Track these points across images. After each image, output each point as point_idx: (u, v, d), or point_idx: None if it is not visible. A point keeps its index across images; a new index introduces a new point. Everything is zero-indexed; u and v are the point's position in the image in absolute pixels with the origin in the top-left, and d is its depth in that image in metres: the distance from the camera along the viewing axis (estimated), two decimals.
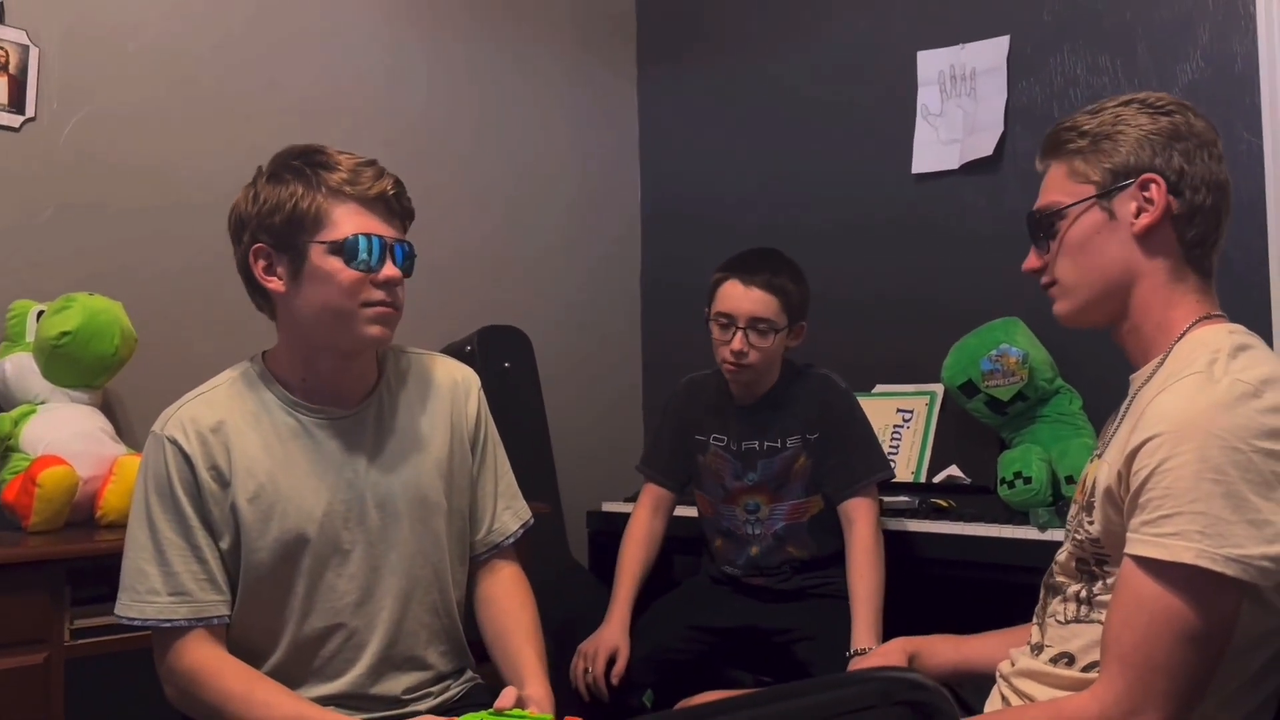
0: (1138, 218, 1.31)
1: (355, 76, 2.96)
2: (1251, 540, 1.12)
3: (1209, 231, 1.31)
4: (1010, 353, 2.49)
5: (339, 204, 1.49)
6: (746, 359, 2.15)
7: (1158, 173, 1.30)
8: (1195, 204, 1.30)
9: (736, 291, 2.16)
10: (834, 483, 2.22)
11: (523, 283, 3.31)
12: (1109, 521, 1.25)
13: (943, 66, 2.95)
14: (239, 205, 1.53)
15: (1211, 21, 2.50)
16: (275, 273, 1.51)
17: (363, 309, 1.50)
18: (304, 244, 1.49)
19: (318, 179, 1.49)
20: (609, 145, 3.63)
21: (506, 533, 1.75)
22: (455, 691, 1.67)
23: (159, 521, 1.49)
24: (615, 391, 3.59)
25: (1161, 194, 1.29)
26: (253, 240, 1.51)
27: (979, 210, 2.88)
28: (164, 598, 1.48)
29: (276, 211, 1.48)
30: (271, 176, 1.51)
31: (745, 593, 2.30)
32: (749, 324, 2.15)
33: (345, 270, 1.48)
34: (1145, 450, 1.18)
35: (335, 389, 1.58)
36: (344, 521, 1.56)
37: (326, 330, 1.52)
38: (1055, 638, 1.34)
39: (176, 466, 1.49)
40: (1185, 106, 1.34)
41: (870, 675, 0.72)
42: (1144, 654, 1.15)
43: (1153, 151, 1.30)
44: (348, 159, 1.52)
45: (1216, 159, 1.32)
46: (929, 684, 0.76)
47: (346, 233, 1.48)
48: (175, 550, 1.48)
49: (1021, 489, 2.33)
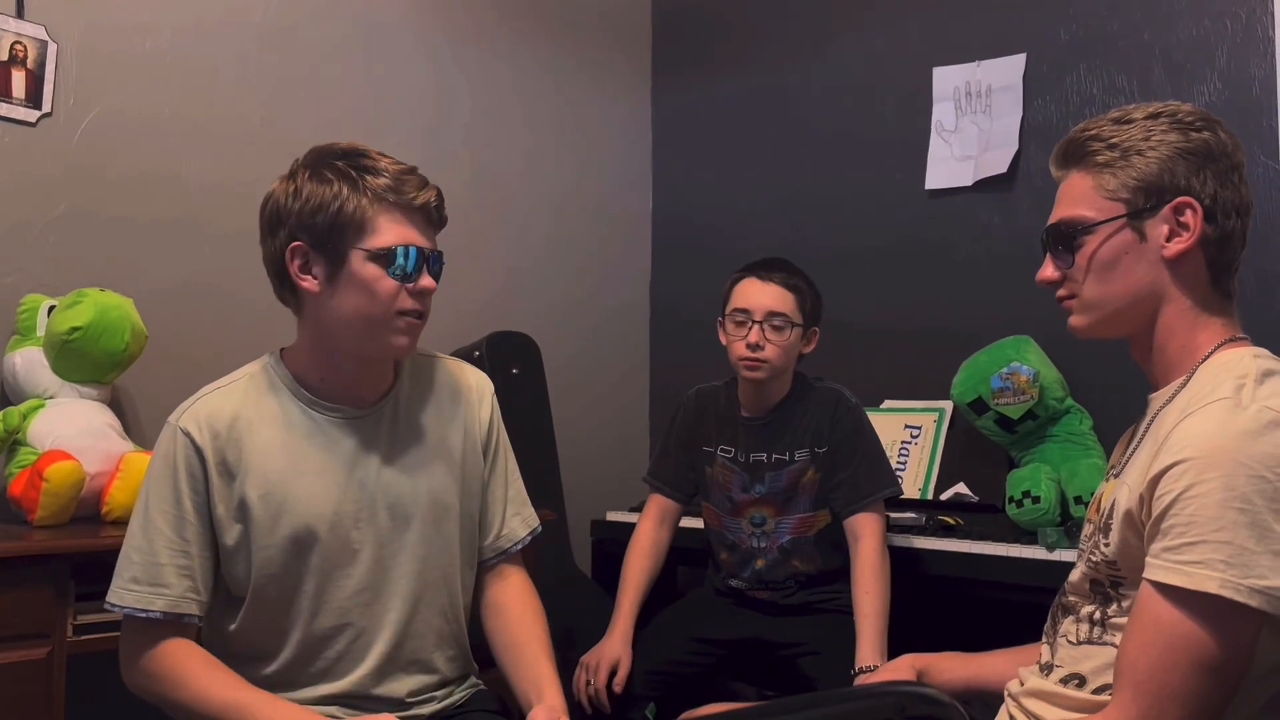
0: (1169, 241, 1.28)
1: (370, 84, 2.97)
2: (1275, 571, 1.10)
3: (1236, 256, 1.30)
4: (1021, 371, 2.48)
5: (383, 211, 1.49)
6: (763, 353, 2.17)
7: (1193, 196, 1.27)
8: (1227, 230, 1.28)
9: (754, 288, 2.20)
10: (841, 498, 2.21)
11: (533, 290, 3.31)
12: (1127, 544, 1.24)
13: (958, 83, 2.95)
14: (277, 198, 1.52)
15: (1230, 44, 2.50)
16: (311, 272, 1.50)
17: (396, 318, 1.51)
18: (345, 248, 1.48)
19: (362, 183, 1.49)
20: (622, 156, 3.63)
21: (515, 539, 1.74)
22: (459, 697, 1.67)
23: (153, 511, 1.50)
24: (622, 401, 3.58)
25: (1198, 220, 1.26)
26: (291, 237, 1.50)
27: (992, 228, 2.87)
28: (142, 587, 1.48)
29: (319, 211, 1.48)
30: (314, 174, 1.50)
31: (750, 606, 2.29)
32: (765, 318, 2.17)
33: (385, 279, 1.49)
34: (1170, 475, 1.16)
35: (353, 389, 1.58)
36: (355, 521, 1.55)
37: (354, 335, 1.52)
38: (1066, 658, 1.32)
39: (185, 458, 1.50)
40: (1214, 122, 1.31)
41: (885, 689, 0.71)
42: (1159, 681, 1.13)
43: (1187, 171, 1.27)
44: (390, 164, 1.52)
45: (1244, 181, 1.30)
46: (944, 699, 0.75)
47: (389, 242, 1.49)
48: (163, 541, 1.49)
49: (1030, 508, 2.32)
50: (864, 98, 3.16)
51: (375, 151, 1.54)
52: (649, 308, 3.69)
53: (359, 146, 1.54)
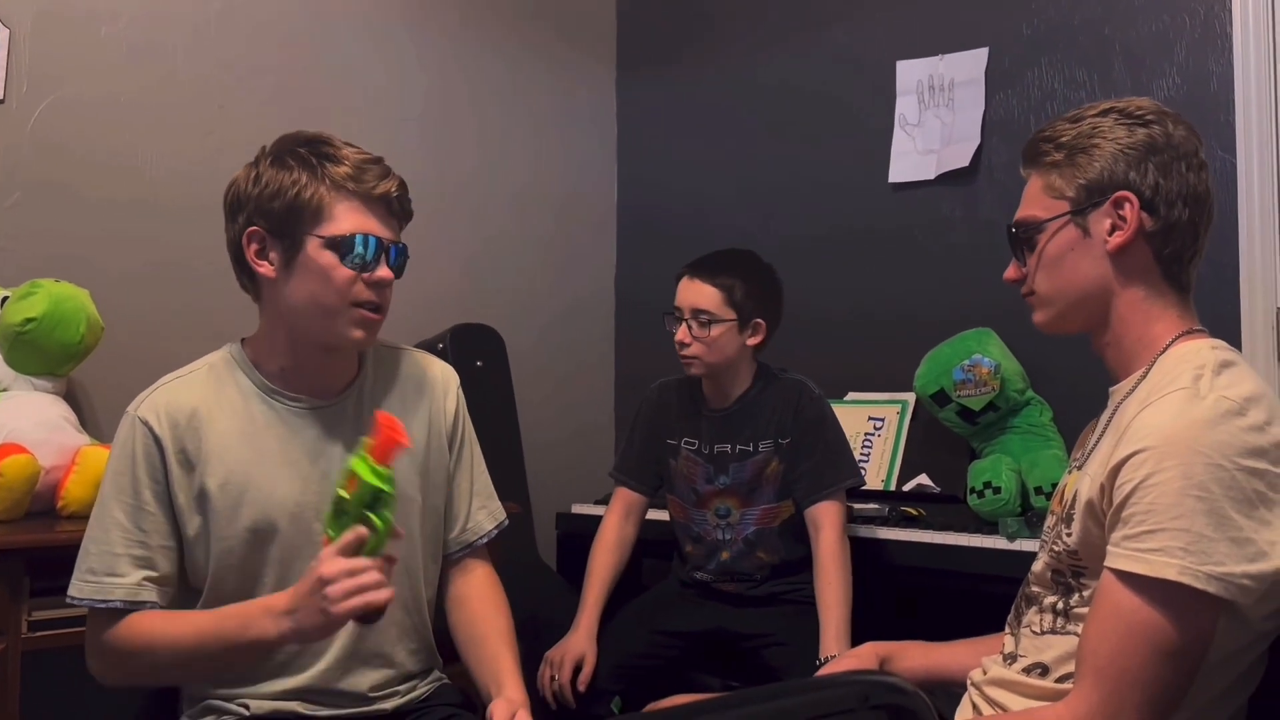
0: (1111, 235, 1.31)
1: (335, 71, 2.94)
2: (1233, 558, 1.12)
3: (1186, 246, 1.31)
4: (983, 363, 2.50)
5: (341, 199, 1.49)
6: (689, 349, 2.21)
7: (1132, 190, 1.29)
8: (1171, 220, 1.30)
9: (684, 286, 2.25)
10: (803, 488, 2.22)
11: (498, 282, 3.30)
12: (1089, 534, 1.25)
13: (921, 77, 2.97)
14: (239, 183, 1.52)
15: (1189, 39, 2.53)
16: (267, 257, 1.50)
17: (351, 308, 1.50)
18: (301, 234, 1.48)
19: (322, 170, 1.48)
20: (587, 147, 3.62)
21: (481, 532, 1.74)
22: (422, 691, 1.66)
23: (111, 502, 1.48)
24: (587, 393, 3.57)
25: (1134, 213, 1.29)
26: (249, 222, 1.49)
27: (954, 221, 2.89)
28: (101, 578, 1.46)
29: (277, 197, 1.48)
30: (275, 160, 1.50)
31: (715, 598, 2.30)
32: (692, 315, 2.21)
33: (339, 267, 1.48)
34: (1130, 465, 1.18)
35: (315, 379, 1.58)
36: (316, 513, 1.53)
37: (310, 323, 1.52)
38: (1029, 648, 1.34)
39: (144, 449, 1.48)
40: (1165, 114, 1.33)
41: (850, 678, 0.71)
42: (1120, 667, 1.15)
43: (1127, 166, 1.30)
44: (353, 153, 1.52)
45: (1196, 169, 1.31)
46: (909, 688, 0.75)
47: (346, 230, 1.48)
48: (120, 532, 1.47)
49: (991, 499, 2.34)
50: (828, 91, 3.16)
51: (340, 140, 1.54)
52: (614, 299, 3.69)
53: (324, 135, 1.54)
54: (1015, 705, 1.31)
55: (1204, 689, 1.20)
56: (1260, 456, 1.15)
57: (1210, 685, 1.21)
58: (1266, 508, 1.14)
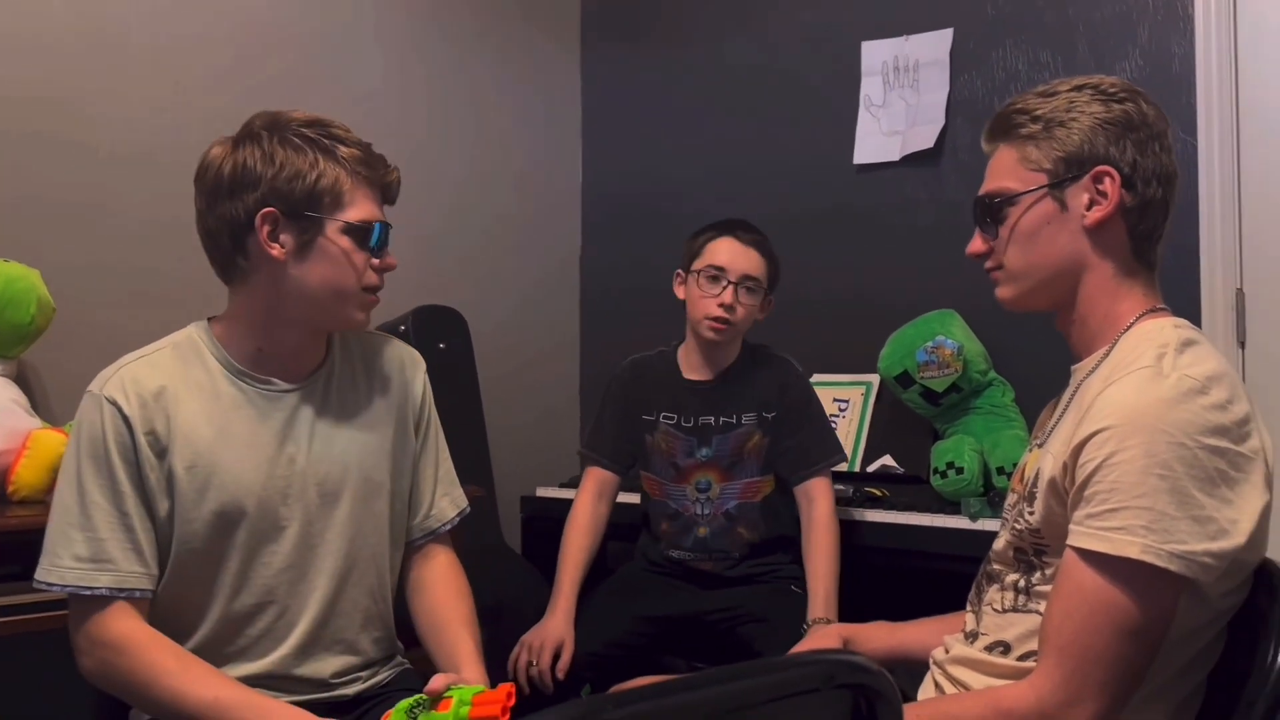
0: (1089, 210, 1.30)
1: (291, 54, 2.88)
2: (1195, 536, 1.13)
3: (1158, 224, 1.32)
4: (946, 344, 2.51)
5: (359, 185, 1.51)
6: (734, 314, 2.17)
7: (1112, 165, 1.28)
8: (1147, 198, 1.30)
9: (734, 248, 2.20)
10: (793, 463, 2.23)
11: (460, 263, 3.26)
12: (1051, 512, 1.25)
13: (886, 57, 2.96)
14: (247, 161, 1.47)
15: (1151, 21, 2.54)
16: (278, 239, 1.48)
17: (361, 292, 1.53)
18: (321, 220, 1.48)
19: (337, 155, 1.49)
20: (551, 127, 3.59)
21: (444, 519, 1.72)
22: (384, 676, 1.64)
23: (89, 485, 1.43)
24: (552, 375, 3.56)
25: (1115, 188, 1.28)
26: (263, 203, 1.46)
27: (919, 202, 2.90)
28: (85, 564, 1.42)
29: (297, 179, 1.46)
30: (283, 140, 1.47)
31: (689, 578, 2.29)
32: (740, 280, 2.18)
33: (357, 252, 1.51)
34: (1093, 443, 1.18)
35: (287, 362, 1.55)
36: (283, 497, 1.52)
37: (316, 306, 1.51)
38: (991, 626, 1.34)
39: (114, 429, 1.44)
40: (1137, 93, 1.33)
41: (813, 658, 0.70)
42: (1083, 645, 1.15)
43: (1107, 141, 1.29)
44: (354, 137, 1.54)
45: (1167, 150, 1.31)
46: (873, 667, 0.75)
47: (364, 216, 1.51)
48: (102, 515, 1.43)
49: (954, 479, 2.36)
50: (793, 71, 3.15)
51: (340, 123, 1.54)
52: (579, 280, 3.67)
53: (320, 116, 1.53)
54: (977, 683, 1.31)
55: (1164, 666, 1.21)
56: (1222, 435, 1.15)
57: (1170, 662, 1.21)
58: (1228, 486, 1.15)
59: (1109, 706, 1.15)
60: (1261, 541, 1.20)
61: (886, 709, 0.74)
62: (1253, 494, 1.16)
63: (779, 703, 0.71)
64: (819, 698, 0.73)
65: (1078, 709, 1.15)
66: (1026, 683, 1.20)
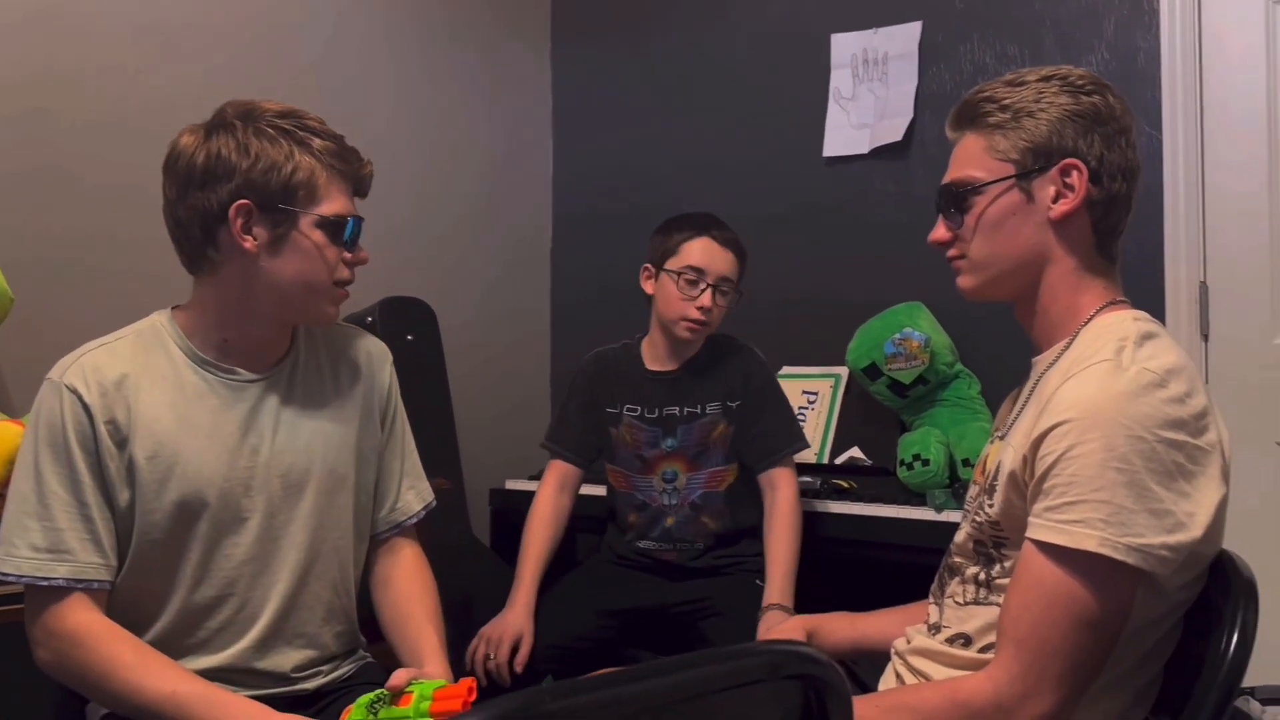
0: (1055, 203, 1.30)
1: (257, 38, 2.84)
2: (1152, 530, 1.13)
3: (1121, 219, 1.32)
4: (913, 336, 2.52)
5: (335, 179, 1.50)
6: (712, 316, 2.18)
7: (1079, 158, 1.28)
8: (1112, 192, 1.30)
9: (711, 249, 2.20)
10: (756, 452, 2.24)
11: (428, 254, 3.24)
12: (1010, 505, 1.26)
13: (856, 50, 2.96)
14: (220, 151, 1.45)
15: (1117, 15, 2.56)
16: (252, 232, 1.46)
17: (333, 287, 1.53)
18: (296, 213, 1.47)
19: (312, 148, 1.48)
20: (521, 118, 3.57)
21: (409, 512, 1.71)
22: (345, 670, 1.63)
23: (47, 474, 1.42)
24: (522, 367, 3.54)
25: (1082, 181, 1.28)
26: (237, 194, 1.45)
27: (887, 195, 2.90)
28: (42, 554, 1.40)
29: (272, 171, 1.45)
30: (257, 131, 1.46)
31: (654, 571, 2.29)
32: (718, 282, 2.18)
33: (330, 246, 1.50)
34: (1052, 436, 1.18)
35: (253, 353, 1.54)
36: (245, 488, 1.51)
37: (287, 300, 1.50)
38: (952, 618, 1.35)
39: (74, 418, 1.42)
40: (1105, 86, 1.33)
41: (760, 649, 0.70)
42: (1041, 637, 1.16)
43: (1075, 134, 1.29)
44: (328, 130, 1.53)
45: (1132, 145, 1.32)
46: (820, 658, 0.74)
47: (339, 210, 1.50)
48: (60, 505, 1.41)
49: (920, 471, 2.37)
50: (763, 63, 3.15)
51: (313, 115, 1.53)
52: (549, 273, 3.65)
53: (294, 108, 1.52)
54: (938, 675, 1.32)
55: (1123, 657, 1.22)
56: (1180, 428, 1.16)
57: (1129, 653, 1.22)
58: (1186, 479, 1.15)
59: (1066, 698, 1.16)
60: (1218, 534, 1.21)
61: (835, 700, 0.74)
62: (1210, 487, 1.17)
63: (726, 694, 0.71)
64: (767, 689, 0.73)
65: (1034, 701, 1.15)
66: (984, 674, 1.20)
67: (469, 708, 1.29)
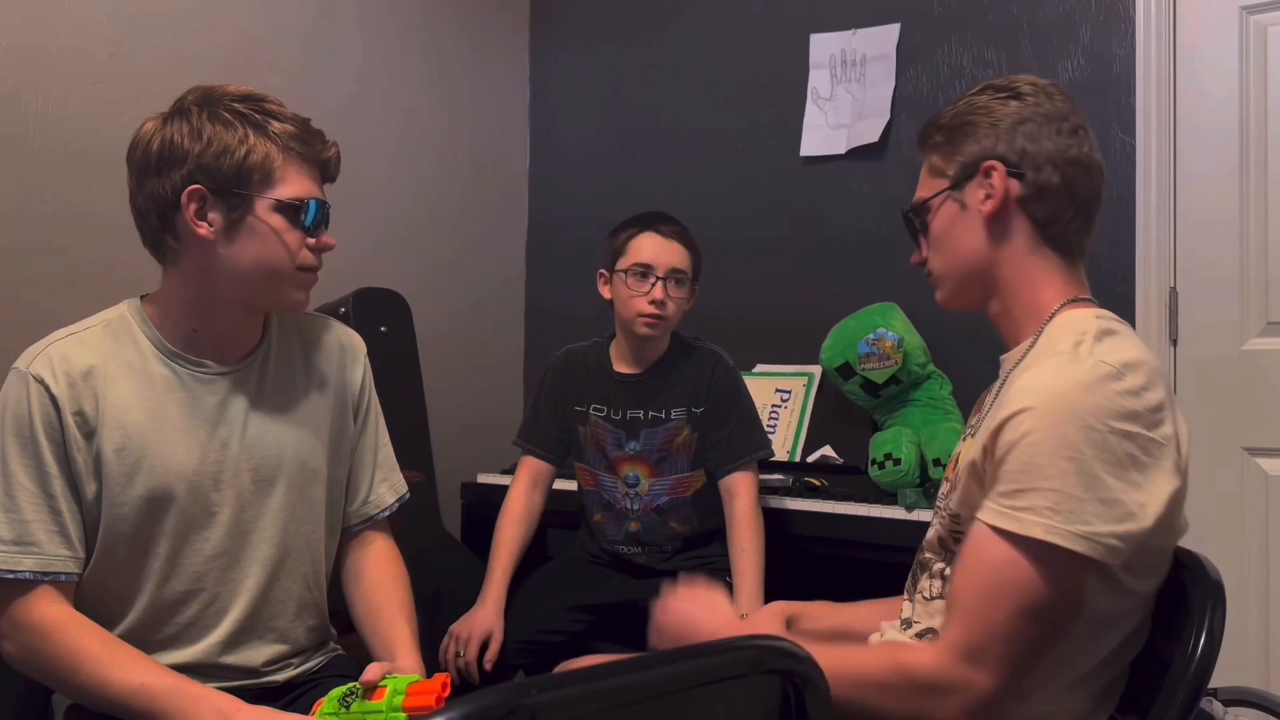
0: (984, 204, 1.34)
1: (233, 24, 2.81)
2: (1101, 518, 1.15)
3: (1062, 209, 1.34)
4: (886, 337, 2.53)
5: (292, 162, 1.47)
6: (667, 309, 2.18)
7: (997, 158, 1.33)
8: (1040, 183, 1.33)
9: (656, 243, 2.20)
10: (717, 457, 2.23)
11: (404, 247, 3.23)
12: (970, 495, 1.27)
13: (834, 50, 2.98)
14: (174, 137, 1.43)
15: (1093, 22, 2.58)
16: (206, 218, 1.44)
17: (297, 272, 1.49)
18: (250, 197, 1.44)
19: (269, 130, 1.45)
20: (498, 112, 3.56)
21: (382, 505, 1.70)
22: (315, 663, 1.62)
23: (13, 465, 1.40)
24: (495, 360, 3.53)
25: (1001, 178, 1.33)
26: (189, 180, 1.42)
27: (863, 196, 2.92)
28: (8, 546, 1.38)
29: (225, 155, 1.42)
30: (213, 115, 1.44)
31: (623, 569, 2.29)
32: (669, 274, 2.18)
33: (290, 230, 1.47)
34: (1009, 425, 1.20)
35: (222, 344, 1.52)
36: (215, 482, 1.49)
37: (249, 286, 1.48)
38: (923, 614, 1.36)
39: (41, 408, 1.40)
40: (1040, 88, 1.37)
41: (741, 643, 0.71)
42: (986, 619, 1.17)
43: (996, 138, 1.34)
44: (290, 113, 1.49)
45: (1069, 133, 1.34)
46: (801, 653, 0.75)
47: (297, 194, 1.47)
48: (27, 497, 1.39)
49: (891, 470, 2.38)
50: (743, 61, 3.16)
51: (274, 98, 1.50)
52: (524, 266, 3.64)
53: (255, 91, 1.49)
54: None
55: (1087, 653, 1.23)
56: (1134, 420, 1.17)
57: (1090, 652, 1.24)
58: (1138, 470, 1.17)
59: (1006, 681, 1.16)
60: (1171, 527, 1.22)
61: (814, 694, 0.75)
62: (1162, 479, 1.18)
63: (708, 687, 0.71)
64: (748, 683, 0.73)
65: (974, 678, 1.16)
66: (930, 646, 1.23)
67: (443, 703, 1.29)
